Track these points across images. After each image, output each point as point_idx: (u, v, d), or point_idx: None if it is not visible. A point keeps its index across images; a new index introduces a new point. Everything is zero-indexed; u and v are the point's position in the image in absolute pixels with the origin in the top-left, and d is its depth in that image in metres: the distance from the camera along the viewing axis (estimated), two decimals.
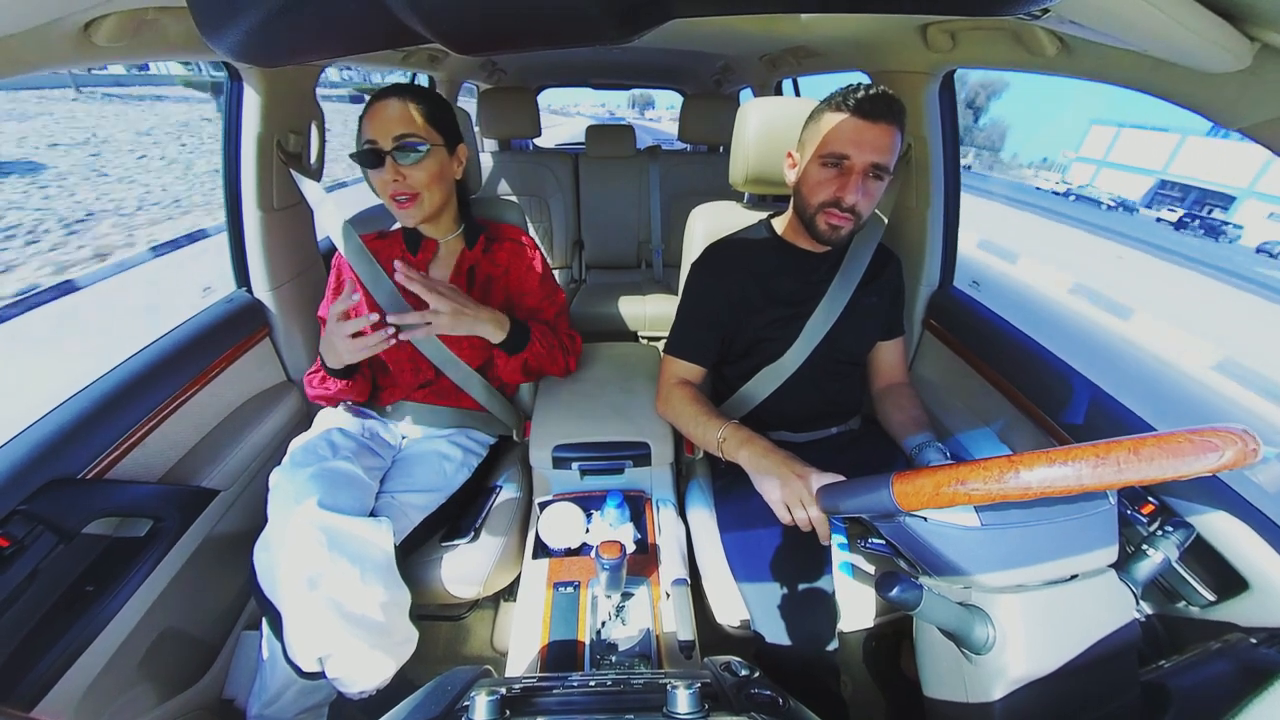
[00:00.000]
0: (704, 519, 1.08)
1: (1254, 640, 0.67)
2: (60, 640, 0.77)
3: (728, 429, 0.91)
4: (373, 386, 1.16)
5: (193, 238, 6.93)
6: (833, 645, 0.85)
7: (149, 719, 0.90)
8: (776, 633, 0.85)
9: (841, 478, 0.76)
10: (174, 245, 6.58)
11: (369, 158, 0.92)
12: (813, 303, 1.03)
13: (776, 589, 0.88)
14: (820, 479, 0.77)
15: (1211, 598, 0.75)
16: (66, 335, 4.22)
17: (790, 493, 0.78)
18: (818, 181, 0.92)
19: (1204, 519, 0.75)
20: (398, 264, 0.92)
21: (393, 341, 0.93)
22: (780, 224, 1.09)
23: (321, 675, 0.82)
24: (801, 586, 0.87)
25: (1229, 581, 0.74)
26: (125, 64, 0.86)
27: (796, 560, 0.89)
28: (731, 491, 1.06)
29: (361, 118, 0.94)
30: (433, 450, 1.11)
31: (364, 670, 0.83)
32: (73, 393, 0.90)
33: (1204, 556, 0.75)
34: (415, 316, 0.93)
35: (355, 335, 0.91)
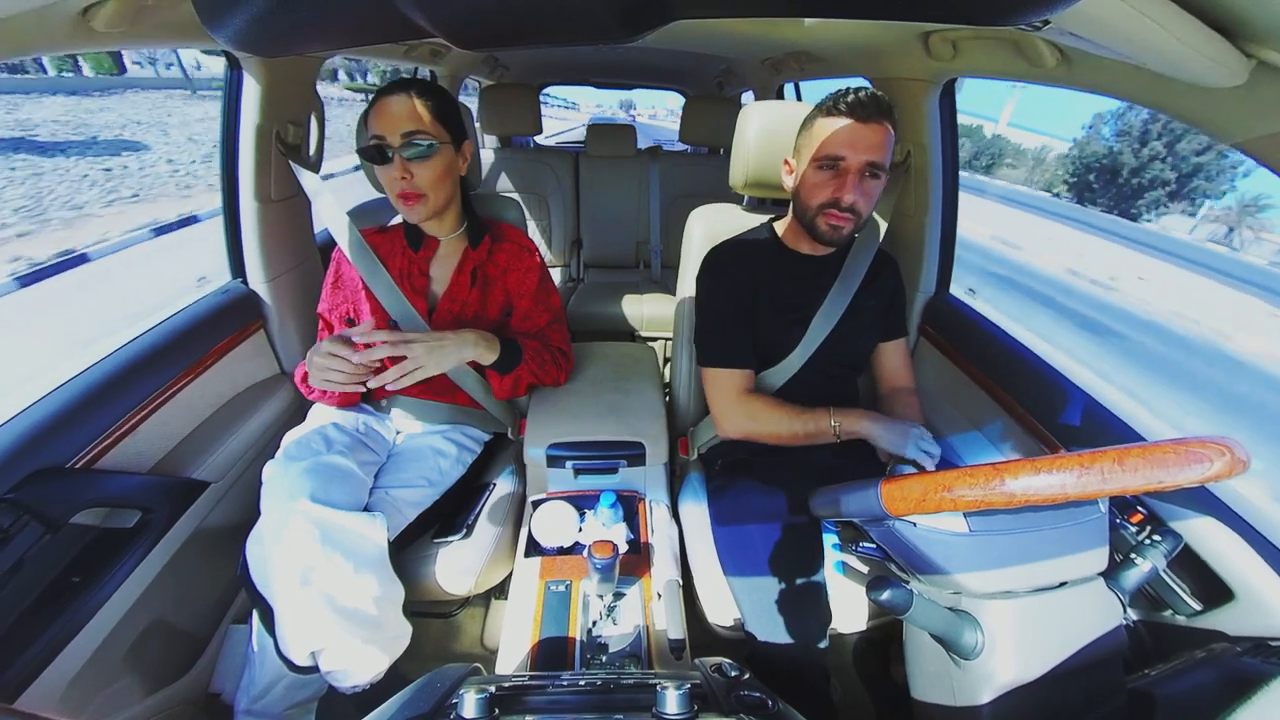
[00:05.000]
0: (697, 519, 1.08)
1: (1239, 649, 0.68)
2: (45, 632, 0.76)
3: (834, 414, 0.97)
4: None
5: None
6: (823, 645, 0.85)
7: (134, 712, 0.89)
8: (768, 633, 0.85)
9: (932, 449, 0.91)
10: None
11: (376, 154, 0.91)
12: (813, 307, 1.03)
13: (769, 590, 0.88)
14: (919, 431, 0.93)
15: (1198, 606, 0.76)
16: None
17: (913, 440, 0.91)
18: (816, 184, 0.93)
19: (1192, 528, 0.76)
20: (356, 331, 0.89)
21: (362, 388, 0.92)
22: (781, 228, 1.10)
23: (313, 669, 0.82)
24: (794, 588, 0.87)
25: (1215, 591, 0.74)
26: (124, 50, 0.85)
27: (790, 561, 0.89)
28: (725, 492, 1.06)
29: (367, 112, 0.93)
30: (427, 446, 1.11)
31: (357, 664, 0.83)
32: (63, 380, 0.89)
33: (1191, 565, 0.76)
34: (395, 373, 0.89)
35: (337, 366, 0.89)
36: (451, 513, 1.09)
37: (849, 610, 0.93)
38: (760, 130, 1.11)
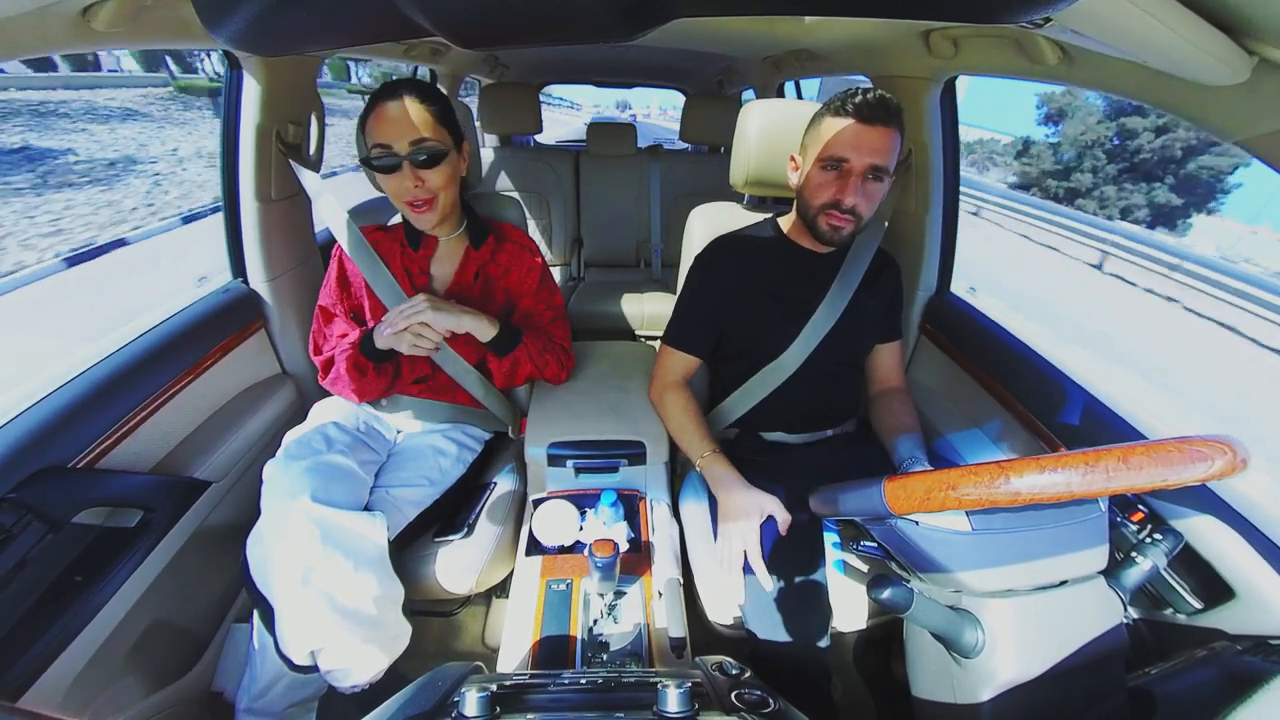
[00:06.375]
0: (698, 518, 1.08)
1: (1239, 648, 0.68)
2: (48, 631, 0.77)
3: (710, 456, 0.98)
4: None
5: None
6: (824, 643, 0.85)
7: (137, 711, 0.90)
8: (769, 631, 0.85)
9: (790, 517, 0.87)
10: None
11: (383, 164, 0.90)
12: (814, 303, 1.04)
13: (770, 588, 0.88)
14: (777, 514, 0.87)
15: (1199, 605, 0.76)
16: None
17: (737, 531, 0.87)
18: (818, 184, 0.93)
19: (1192, 527, 0.76)
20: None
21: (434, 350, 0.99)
22: (786, 224, 1.10)
23: (313, 669, 0.82)
24: (795, 586, 0.88)
25: (1216, 589, 0.74)
26: (122, 50, 0.85)
27: (790, 559, 0.89)
28: None
29: (366, 117, 0.91)
30: (428, 445, 1.11)
31: (357, 664, 0.83)
32: (65, 380, 0.89)
33: (1192, 564, 0.76)
34: (400, 318, 0.93)
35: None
36: (452, 512, 1.09)
37: (850, 609, 0.93)
38: (760, 129, 1.11)
